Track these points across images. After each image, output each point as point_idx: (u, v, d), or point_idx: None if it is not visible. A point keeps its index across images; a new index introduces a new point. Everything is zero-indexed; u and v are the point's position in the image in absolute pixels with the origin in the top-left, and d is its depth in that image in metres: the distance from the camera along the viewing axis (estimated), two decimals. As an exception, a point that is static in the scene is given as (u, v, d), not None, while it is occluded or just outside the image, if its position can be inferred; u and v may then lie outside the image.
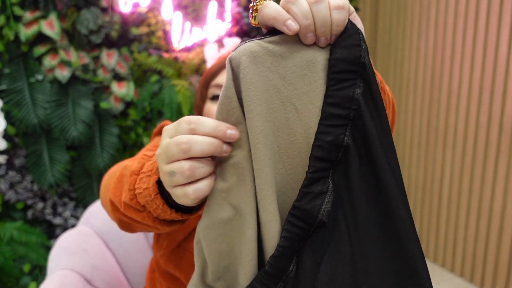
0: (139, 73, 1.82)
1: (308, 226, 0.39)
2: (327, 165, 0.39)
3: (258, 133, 0.39)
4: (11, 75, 1.59)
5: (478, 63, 1.77)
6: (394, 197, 0.37)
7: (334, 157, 0.39)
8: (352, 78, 0.38)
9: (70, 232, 1.00)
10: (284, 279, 0.40)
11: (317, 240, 0.39)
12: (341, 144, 0.38)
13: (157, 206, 0.46)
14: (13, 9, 1.54)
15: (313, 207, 0.38)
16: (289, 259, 0.40)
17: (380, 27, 2.39)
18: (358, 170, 0.39)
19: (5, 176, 1.62)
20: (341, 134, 0.38)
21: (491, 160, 1.75)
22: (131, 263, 1.08)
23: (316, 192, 0.39)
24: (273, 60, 0.39)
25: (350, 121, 0.38)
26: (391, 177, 0.37)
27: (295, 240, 0.40)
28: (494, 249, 1.77)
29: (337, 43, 0.38)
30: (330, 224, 0.39)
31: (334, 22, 0.37)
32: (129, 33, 1.78)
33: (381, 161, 0.37)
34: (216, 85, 0.72)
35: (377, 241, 0.38)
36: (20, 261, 1.59)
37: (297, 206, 0.39)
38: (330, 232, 0.39)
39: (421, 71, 2.09)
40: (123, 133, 1.84)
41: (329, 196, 0.39)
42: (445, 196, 2.00)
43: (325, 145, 0.38)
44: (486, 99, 1.75)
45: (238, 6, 2.01)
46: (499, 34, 1.67)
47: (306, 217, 0.39)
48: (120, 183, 0.53)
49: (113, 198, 0.53)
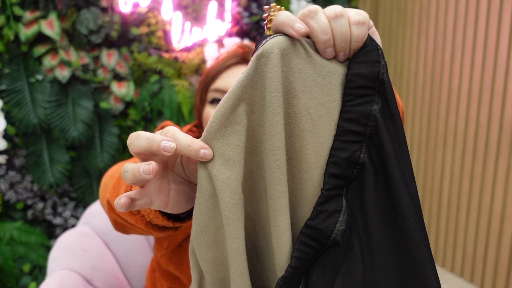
0: (139, 73, 1.82)
1: (320, 246, 0.38)
2: (343, 183, 0.38)
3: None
4: (11, 75, 1.59)
5: (478, 63, 1.77)
6: (409, 218, 0.36)
7: (349, 174, 0.38)
8: (370, 94, 0.37)
9: (70, 232, 1.00)
10: None
11: (329, 260, 0.38)
12: (357, 161, 0.37)
13: (150, 211, 0.47)
14: (13, 9, 1.54)
15: (328, 226, 0.37)
16: (298, 280, 0.38)
17: (380, 27, 2.39)
18: (373, 188, 0.37)
19: (5, 176, 1.62)
20: (357, 150, 0.37)
21: (491, 160, 1.75)
22: (131, 263, 1.08)
23: (331, 211, 0.38)
24: (297, 62, 0.37)
25: (366, 137, 0.37)
26: (407, 197, 0.36)
27: (306, 260, 0.38)
28: (494, 249, 1.77)
29: (356, 58, 0.37)
30: (343, 244, 0.38)
31: (354, 38, 0.37)
32: (129, 33, 1.78)
33: (397, 180, 0.36)
34: (215, 89, 0.72)
35: (391, 263, 0.37)
36: (20, 261, 1.58)
37: (311, 225, 0.38)
38: (343, 253, 0.38)
39: (421, 71, 2.09)
40: (123, 133, 1.84)
41: (343, 215, 0.38)
42: (445, 196, 2.00)
43: (340, 161, 0.37)
44: (486, 99, 1.75)
45: (238, 6, 2.01)
46: (499, 34, 1.67)
47: (319, 236, 0.38)
48: (118, 184, 0.54)
49: (110, 199, 0.54)
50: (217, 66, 0.73)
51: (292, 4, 2.11)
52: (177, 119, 1.82)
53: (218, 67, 0.73)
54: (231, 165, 0.37)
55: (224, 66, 0.72)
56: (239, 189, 0.38)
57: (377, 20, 2.41)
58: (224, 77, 0.71)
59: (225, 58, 0.73)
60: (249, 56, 0.73)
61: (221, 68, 0.72)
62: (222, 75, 0.72)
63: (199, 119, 0.78)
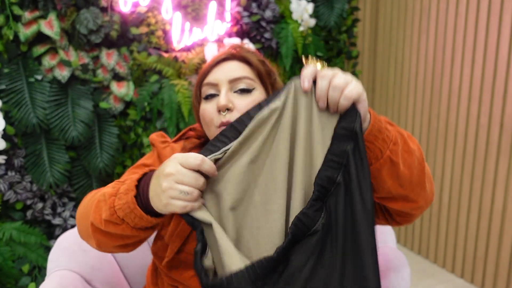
0: (138, 72, 1.82)
1: (305, 231, 0.57)
2: (325, 192, 0.58)
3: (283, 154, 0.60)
4: (10, 75, 1.58)
5: (478, 62, 1.77)
6: (361, 221, 0.55)
7: (330, 187, 0.58)
8: (347, 139, 0.57)
9: (70, 232, 0.99)
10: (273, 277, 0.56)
11: (306, 246, 0.56)
12: (335, 181, 0.58)
13: (135, 215, 0.59)
14: (12, 8, 1.54)
15: (315, 216, 0.57)
16: (284, 259, 0.56)
17: (380, 27, 2.39)
18: (343, 199, 0.57)
19: (4, 176, 1.62)
20: (336, 174, 0.58)
21: (492, 160, 1.74)
22: (131, 263, 1.07)
23: (318, 207, 0.57)
24: (304, 100, 0.60)
25: (343, 166, 0.57)
26: (360, 206, 0.56)
27: (293, 243, 0.56)
28: (494, 250, 1.77)
29: (342, 116, 0.58)
30: (321, 234, 0.57)
31: (340, 106, 0.57)
32: (128, 33, 1.78)
33: (356, 195, 0.56)
34: (207, 83, 0.74)
35: (346, 252, 0.56)
36: (20, 262, 1.58)
37: (306, 212, 0.57)
38: (319, 241, 0.57)
39: (422, 71, 2.08)
40: (123, 133, 1.84)
41: (324, 213, 0.58)
42: (445, 196, 2.00)
43: (325, 178, 0.58)
44: (486, 99, 1.75)
45: (238, 6, 2.01)
46: (500, 34, 1.66)
47: (308, 222, 0.57)
48: (98, 207, 0.63)
49: (94, 221, 0.63)
50: (209, 63, 0.76)
51: (292, 4, 2.11)
52: (177, 119, 1.82)
53: (210, 64, 0.76)
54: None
55: (214, 62, 0.75)
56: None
57: (377, 20, 2.41)
58: (214, 71, 0.74)
59: (217, 56, 0.76)
60: (241, 54, 0.76)
61: (214, 62, 0.75)
62: (213, 70, 0.75)
63: (197, 117, 0.80)
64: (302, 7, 2.10)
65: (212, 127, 0.72)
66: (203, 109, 0.74)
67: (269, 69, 0.77)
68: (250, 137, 0.59)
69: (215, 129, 0.71)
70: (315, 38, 2.22)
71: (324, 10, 2.26)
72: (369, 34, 2.46)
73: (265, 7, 2.08)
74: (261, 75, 0.74)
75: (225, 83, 0.71)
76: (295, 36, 2.12)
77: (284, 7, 2.14)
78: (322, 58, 2.31)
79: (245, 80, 0.72)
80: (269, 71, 0.77)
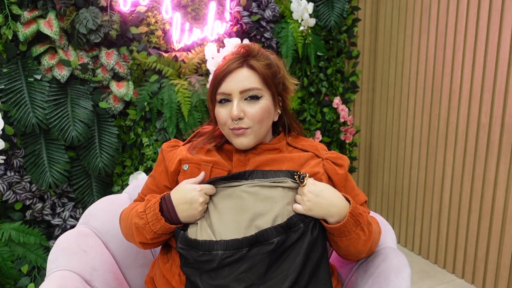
0: (138, 72, 1.81)
1: (265, 240, 0.77)
2: (290, 227, 0.79)
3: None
4: (9, 75, 1.58)
5: (479, 62, 1.77)
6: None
7: (294, 226, 0.80)
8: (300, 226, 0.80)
9: (69, 233, 0.99)
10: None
11: (288, 240, 0.78)
12: (298, 224, 0.80)
13: (160, 227, 0.82)
14: (11, 8, 1.54)
15: (296, 222, 0.80)
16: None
17: (380, 27, 2.39)
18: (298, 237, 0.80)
19: (3, 177, 1.61)
20: (300, 222, 0.81)
21: (493, 160, 1.74)
22: (131, 263, 1.07)
23: (281, 231, 0.79)
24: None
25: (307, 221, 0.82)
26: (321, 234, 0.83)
27: (254, 242, 0.79)
28: (495, 250, 1.77)
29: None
30: (275, 247, 0.77)
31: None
32: (128, 33, 1.77)
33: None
34: (221, 93, 0.86)
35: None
36: (19, 262, 1.58)
37: (268, 229, 0.77)
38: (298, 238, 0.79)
39: (422, 70, 2.08)
40: (122, 133, 1.83)
41: (283, 237, 0.78)
42: (446, 196, 2.00)
43: (294, 219, 0.80)
44: (487, 99, 1.74)
45: (238, 5, 2.00)
46: (501, 33, 1.66)
47: (268, 236, 0.77)
48: (139, 231, 0.85)
49: (141, 240, 0.86)
50: (222, 70, 0.86)
51: (292, 4, 2.11)
52: (177, 119, 1.82)
53: (224, 71, 0.85)
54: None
55: (228, 70, 0.85)
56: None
57: (378, 19, 2.41)
58: (228, 81, 0.85)
59: (229, 61, 0.86)
60: (250, 55, 0.87)
61: (225, 72, 0.85)
62: (226, 79, 0.85)
63: (212, 115, 0.93)
64: (302, 6, 2.09)
65: (225, 127, 0.87)
66: (218, 111, 0.87)
67: (274, 71, 0.88)
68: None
69: (228, 130, 0.86)
70: (315, 38, 2.22)
71: (324, 10, 2.26)
72: (370, 34, 2.46)
73: (265, 6, 2.07)
74: (267, 81, 0.86)
75: (236, 94, 0.84)
76: (295, 35, 2.11)
77: (284, 7, 2.14)
78: (322, 58, 2.31)
79: (254, 90, 0.84)
80: (275, 72, 0.88)
